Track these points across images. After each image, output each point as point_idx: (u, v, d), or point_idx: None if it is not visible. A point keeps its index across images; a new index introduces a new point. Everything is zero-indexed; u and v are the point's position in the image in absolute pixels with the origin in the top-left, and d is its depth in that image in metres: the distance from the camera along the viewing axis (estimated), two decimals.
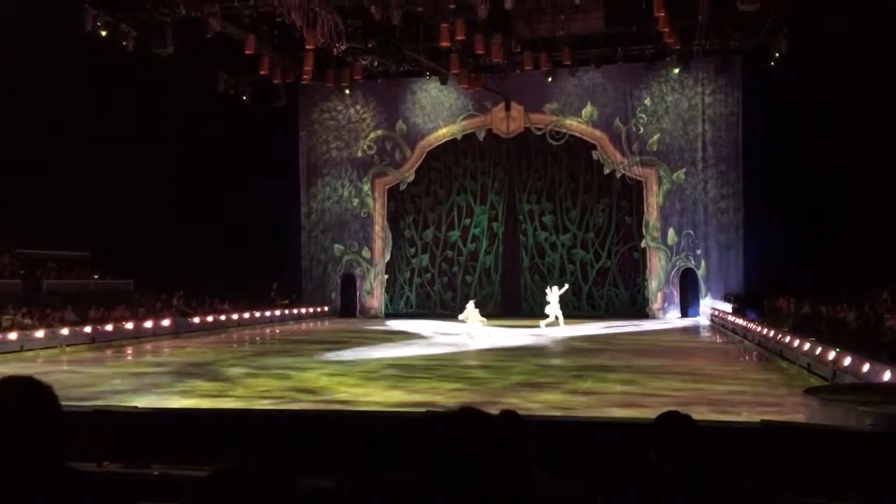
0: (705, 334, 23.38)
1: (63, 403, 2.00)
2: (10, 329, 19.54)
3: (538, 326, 23.02)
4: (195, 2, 22.10)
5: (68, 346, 19.92)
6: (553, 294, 23.70)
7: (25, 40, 20.47)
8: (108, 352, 19.40)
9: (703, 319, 27.17)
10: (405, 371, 14.62)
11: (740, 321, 21.44)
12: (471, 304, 22.44)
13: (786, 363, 15.42)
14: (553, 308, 23.51)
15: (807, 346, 14.62)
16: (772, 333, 17.74)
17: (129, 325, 22.51)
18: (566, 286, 25.19)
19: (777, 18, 22.72)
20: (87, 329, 21.24)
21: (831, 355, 13.08)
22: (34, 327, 20.19)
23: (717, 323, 24.83)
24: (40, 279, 24.95)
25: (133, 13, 22.42)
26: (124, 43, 22.62)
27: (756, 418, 7.87)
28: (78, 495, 1.76)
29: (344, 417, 7.76)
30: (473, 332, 21.37)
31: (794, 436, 5.99)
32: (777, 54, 24.27)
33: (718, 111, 28.92)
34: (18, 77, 22.11)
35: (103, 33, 22.13)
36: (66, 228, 25.23)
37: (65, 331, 20.59)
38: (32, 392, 1.81)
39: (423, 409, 8.68)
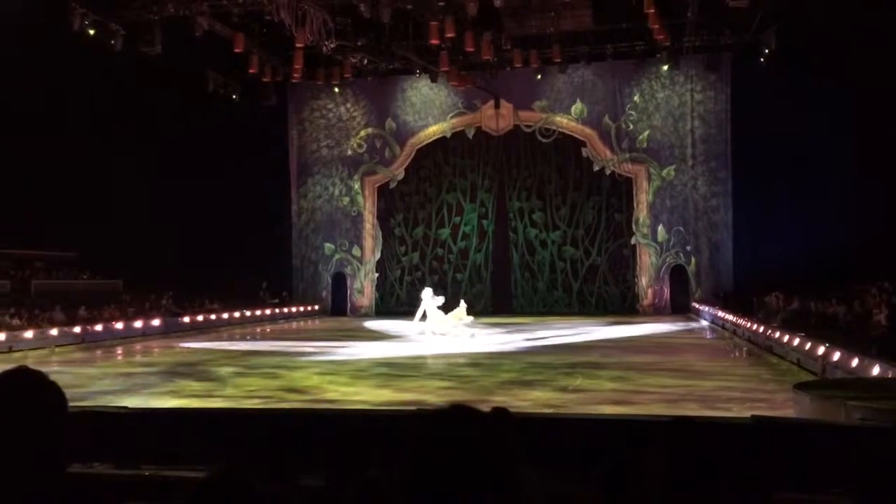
0: (695, 330, 23.44)
1: None
2: None
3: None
4: (184, 0, 21.99)
5: (58, 346, 19.80)
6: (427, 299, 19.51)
7: (12, 39, 20.31)
8: (98, 352, 19.29)
9: (693, 316, 27.23)
10: (395, 370, 14.60)
11: (730, 317, 21.51)
12: (462, 304, 22.33)
13: (776, 359, 15.49)
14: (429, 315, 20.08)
15: (796, 341, 14.69)
16: (761, 329, 17.82)
17: (119, 326, 22.39)
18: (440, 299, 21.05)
19: (766, 15, 22.81)
20: (77, 329, 21.11)
21: (821, 350, 13.14)
22: (23, 328, 20.05)
23: (708, 319, 24.90)
24: (28, 279, 24.80)
25: (121, 12, 22.28)
26: (112, 42, 22.47)
27: (746, 414, 7.90)
28: (72, 500, 1.72)
29: (333, 416, 7.74)
30: (446, 331, 21.20)
31: (784, 431, 6.01)
32: (767, 51, 24.36)
33: (708, 108, 29.02)
34: (4, 76, 21.95)
35: (91, 32, 21.98)
36: (54, 228, 25.08)
37: (54, 331, 20.45)
38: (43, 387, 1.77)
39: (413, 408, 8.66)
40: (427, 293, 19.84)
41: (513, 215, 30.79)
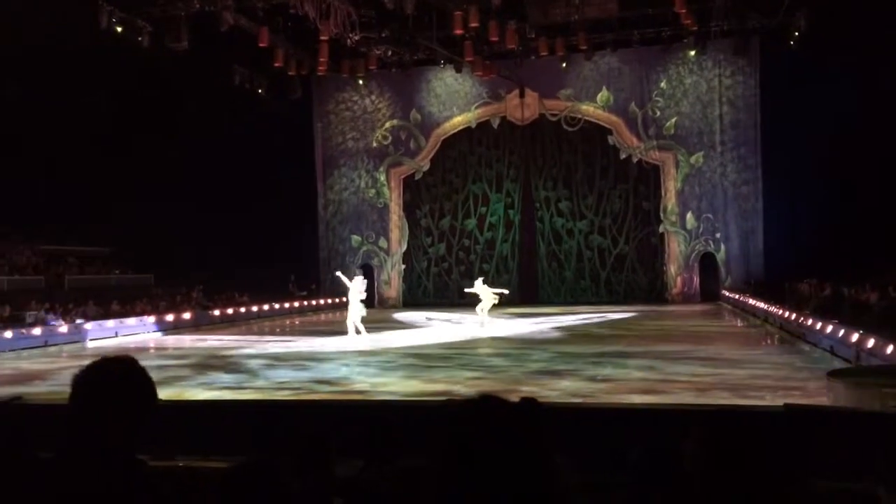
0: (725, 318, 23.22)
1: None
2: (34, 325, 19.80)
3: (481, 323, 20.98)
4: None
5: (91, 340, 20.15)
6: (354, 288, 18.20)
7: (41, 38, 20.61)
8: (131, 345, 19.60)
9: (723, 304, 26.97)
10: (423, 360, 14.64)
11: (761, 304, 21.27)
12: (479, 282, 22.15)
13: (808, 346, 15.29)
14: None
15: (829, 328, 14.48)
16: (793, 316, 17.59)
17: (151, 319, 22.74)
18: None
19: None
20: (110, 323, 21.48)
21: (855, 337, 12.94)
22: (57, 322, 20.44)
23: (737, 307, 24.64)
24: (62, 275, 25.24)
25: (147, 9, 22.51)
26: (140, 39, 22.72)
27: (779, 402, 7.81)
28: (141, 487, 1.76)
29: (364, 407, 7.79)
30: (483, 316, 21.19)
31: (818, 419, 5.94)
32: (796, 33, 23.94)
33: (737, 93, 28.62)
34: (35, 75, 22.31)
35: (119, 29, 22.23)
36: (86, 224, 25.49)
37: (88, 325, 20.83)
38: (135, 376, 1.83)
39: (442, 398, 8.69)
40: (357, 281, 18.29)
41: (539, 205, 30.68)
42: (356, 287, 17.95)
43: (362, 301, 17.93)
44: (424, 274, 31.77)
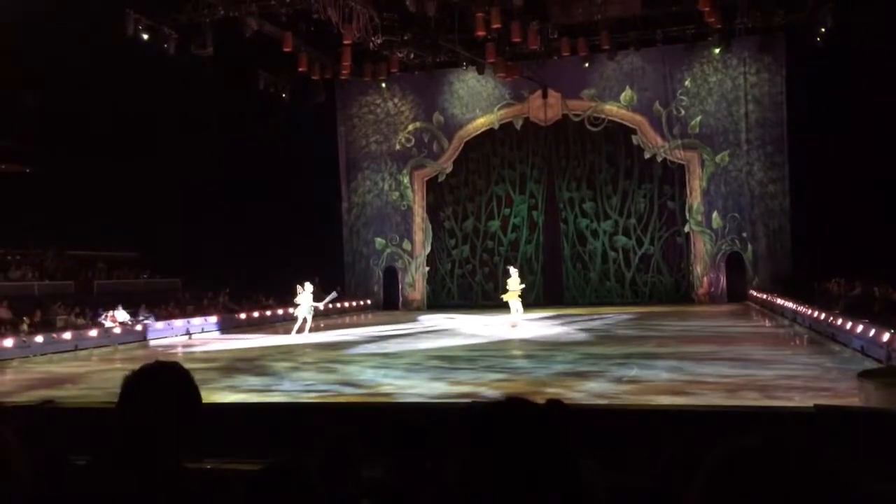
0: (753, 319, 22.96)
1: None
2: (64, 329, 20.10)
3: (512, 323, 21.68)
4: (233, 2, 22.35)
5: (121, 344, 20.42)
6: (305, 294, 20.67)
7: (70, 46, 20.92)
8: (159, 349, 19.82)
9: (751, 304, 26.67)
10: (448, 362, 14.64)
11: (790, 304, 21.00)
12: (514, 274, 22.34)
13: (838, 346, 15.08)
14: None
15: (860, 328, 14.27)
16: (823, 316, 17.36)
17: (179, 323, 22.98)
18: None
19: None
20: (139, 327, 21.74)
21: (886, 337, 12.73)
22: (87, 326, 20.73)
23: (765, 307, 24.35)
24: (91, 280, 25.59)
25: (173, 15, 22.78)
26: (166, 45, 22.99)
27: (809, 403, 7.71)
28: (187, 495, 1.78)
29: (390, 409, 7.81)
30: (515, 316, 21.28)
31: (849, 420, 5.86)
32: (823, 30, 23.62)
33: (763, 91, 28.28)
34: (63, 81, 22.64)
35: (145, 36, 22.52)
36: (115, 229, 25.82)
37: (117, 329, 21.11)
38: (182, 382, 1.85)
39: (468, 400, 8.69)
40: (308, 288, 20.58)
41: (563, 206, 30.56)
42: (307, 293, 21.01)
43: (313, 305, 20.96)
44: (448, 276, 31.77)
